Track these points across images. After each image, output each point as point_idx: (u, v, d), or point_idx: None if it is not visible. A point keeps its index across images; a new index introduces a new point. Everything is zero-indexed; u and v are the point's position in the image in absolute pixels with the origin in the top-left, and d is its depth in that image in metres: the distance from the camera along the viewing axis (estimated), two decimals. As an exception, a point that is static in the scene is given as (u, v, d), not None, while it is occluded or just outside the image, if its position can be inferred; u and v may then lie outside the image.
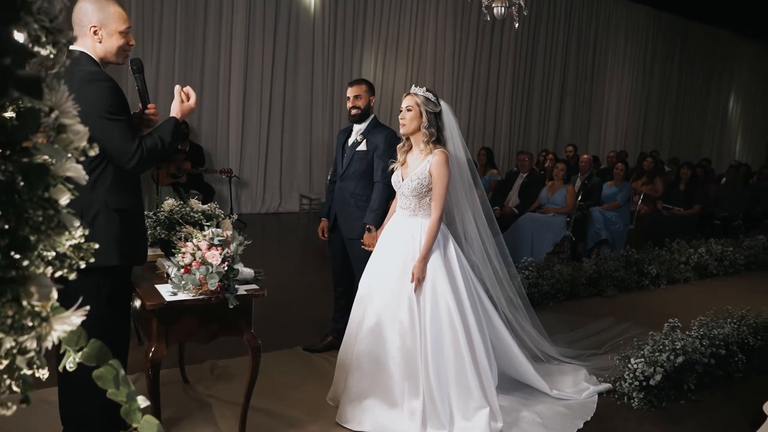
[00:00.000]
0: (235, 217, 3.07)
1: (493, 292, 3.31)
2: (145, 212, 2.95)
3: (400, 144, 3.12)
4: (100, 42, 2.16)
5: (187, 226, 2.57)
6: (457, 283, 2.98)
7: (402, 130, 3.03)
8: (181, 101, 2.30)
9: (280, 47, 8.85)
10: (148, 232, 2.85)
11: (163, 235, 2.81)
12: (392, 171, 3.14)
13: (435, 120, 2.98)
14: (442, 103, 3.04)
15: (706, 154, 14.16)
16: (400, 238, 3.02)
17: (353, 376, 2.94)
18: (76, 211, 2.16)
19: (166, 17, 8.00)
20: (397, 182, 3.08)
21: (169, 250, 2.65)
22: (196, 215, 2.88)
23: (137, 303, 2.48)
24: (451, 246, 3.05)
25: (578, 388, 3.39)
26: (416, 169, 2.99)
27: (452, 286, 2.95)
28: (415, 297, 2.90)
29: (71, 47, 2.48)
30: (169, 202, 2.96)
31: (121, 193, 2.19)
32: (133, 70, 2.35)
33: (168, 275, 2.37)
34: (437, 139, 2.98)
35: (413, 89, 3.00)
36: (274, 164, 9.09)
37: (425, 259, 2.91)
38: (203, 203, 3.08)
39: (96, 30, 2.15)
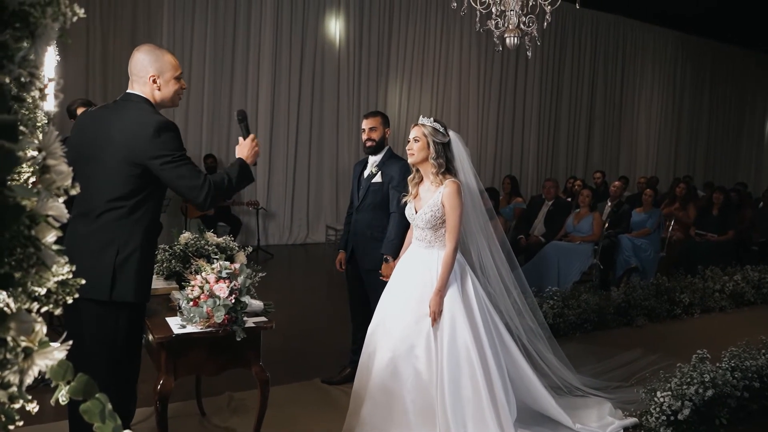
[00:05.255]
0: (250, 249, 3.10)
1: (512, 322, 3.24)
2: (164, 245, 3.02)
3: (411, 176, 3.12)
4: (159, 89, 2.30)
5: (198, 259, 2.61)
6: (475, 316, 2.93)
7: (410, 161, 3.03)
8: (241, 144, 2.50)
9: (306, 80, 9.03)
10: (164, 266, 2.92)
11: (177, 268, 2.86)
12: (405, 204, 3.13)
13: (443, 151, 2.97)
14: (451, 133, 3.03)
15: (742, 178, 13.76)
16: (417, 270, 2.99)
17: (367, 408, 2.90)
18: (113, 247, 2.28)
19: (196, 50, 8.23)
20: (410, 215, 3.06)
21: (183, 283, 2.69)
22: (211, 248, 2.92)
23: (150, 336, 2.51)
24: (468, 277, 3.01)
25: (603, 422, 3.27)
26: (429, 200, 2.97)
27: (470, 319, 2.90)
28: (432, 331, 2.86)
29: (129, 91, 2.61)
30: (185, 235, 3.02)
31: (152, 233, 2.28)
32: (238, 119, 2.60)
33: (179, 308, 2.40)
34: (447, 169, 2.97)
35: (421, 120, 3.00)
36: (300, 196, 9.20)
37: (441, 292, 2.88)
38: (231, 235, 3.14)
39: (155, 79, 2.28)
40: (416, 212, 3.02)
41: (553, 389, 3.37)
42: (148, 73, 2.27)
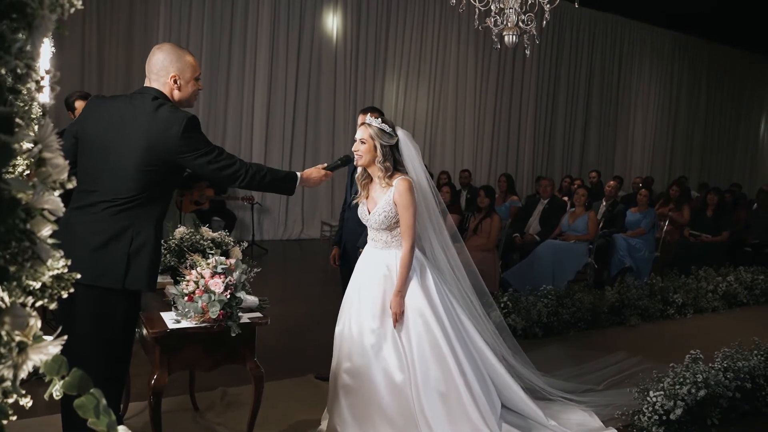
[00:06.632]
0: (245, 244, 3.09)
1: (474, 323, 3.19)
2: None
3: (358, 176, 3.03)
4: (179, 89, 2.31)
5: (193, 254, 2.60)
6: (439, 311, 2.88)
7: (357, 163, 2.93)
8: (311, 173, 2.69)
9: (303, 76, 9.01)
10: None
11: (173, 263, 2.85)
12: (356, 205, 3.05)
13: (391, 152, 2.88)
14: (399, 132, 2.94)
15: (737, 179, 13.83)
16: (377, 272, 2.91)
17: (345, 412, 2.84)
18: (127, 236, 2.32)
19: (192, 45, 8.16)
20: (363, 216, 2.97)
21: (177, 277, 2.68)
22: (206, 243, 2.91)
23: (144, 331, 2.51)
24: (428, 273, 2.95)
25: (584, 428, 3.24)
26: (381, 201, 2.89)
27: (435, 315, 2.85)
28: (397, 332, 2.82)
29: (147, 85, 2.63)
30: (181, 230, 3.01)
31: (160, 226, 2.29)
32: (341, 159, 2.92)
33: (174, 303, 2.40)
34: (396, 169, 2.89)
35: (367, 120, 2.91)
36: (296, 191, 9.16)
37: (401, 292, 2.82)
38: (226, 230, 3.14)
39: (176, 79, 2.28)
40: (369, 213, 2.94)
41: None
42: (169, 73, 2.27)
